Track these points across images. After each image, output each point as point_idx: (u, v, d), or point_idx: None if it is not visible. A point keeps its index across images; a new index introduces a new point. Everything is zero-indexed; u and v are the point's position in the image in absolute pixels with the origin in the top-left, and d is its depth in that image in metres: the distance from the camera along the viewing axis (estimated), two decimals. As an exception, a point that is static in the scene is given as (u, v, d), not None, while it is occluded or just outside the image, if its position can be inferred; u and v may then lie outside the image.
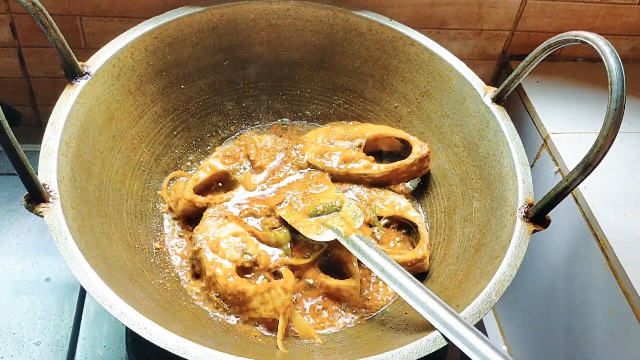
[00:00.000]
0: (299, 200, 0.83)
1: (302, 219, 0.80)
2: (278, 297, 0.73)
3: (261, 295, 0.73)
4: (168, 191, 0.87)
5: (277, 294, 0.73)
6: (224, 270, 0.74)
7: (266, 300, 0.73)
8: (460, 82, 0.88)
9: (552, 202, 0.70)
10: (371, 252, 0.74)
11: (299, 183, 0.87)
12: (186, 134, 0.93)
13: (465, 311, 0.64)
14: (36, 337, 0.86)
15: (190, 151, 0.94)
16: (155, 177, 0.88)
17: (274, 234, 0.80)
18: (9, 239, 0.96)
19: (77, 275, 0.60)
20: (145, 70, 0.85)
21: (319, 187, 0.85)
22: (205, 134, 0.96)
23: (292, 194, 0.85)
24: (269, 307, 0.73)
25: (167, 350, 0.57)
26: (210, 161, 0.89)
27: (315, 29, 0.94)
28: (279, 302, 0.73)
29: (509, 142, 0.80)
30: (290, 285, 0.74)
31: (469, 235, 0.81)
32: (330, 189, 0.85)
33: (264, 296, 0.73)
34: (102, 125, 0.79)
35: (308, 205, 0.82)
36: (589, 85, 1.10)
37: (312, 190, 0.84)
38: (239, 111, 0.98)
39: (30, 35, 0.97)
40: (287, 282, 0.75)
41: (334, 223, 0.79)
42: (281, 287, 0.73)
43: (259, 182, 0.88)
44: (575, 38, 0.68)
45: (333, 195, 0.84)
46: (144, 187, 0.86)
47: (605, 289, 0.84)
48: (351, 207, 0.81)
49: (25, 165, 0.59)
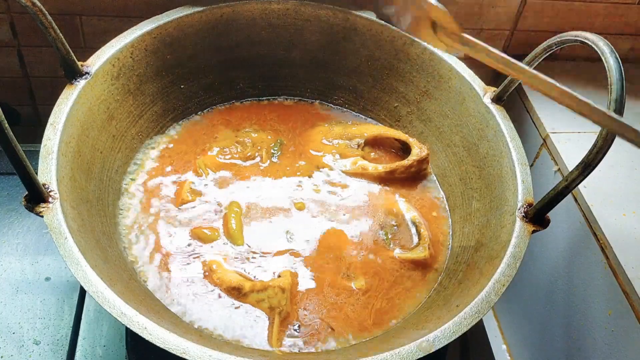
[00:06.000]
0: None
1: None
2: (274, 296, 0.73)
3: (257, 292, 0.73)
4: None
5: (274, 293, 0.73)
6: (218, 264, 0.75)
7: (262, 298, 0.73)
8: (460, 82, 0.88)
9: (552, 202, 0.70)
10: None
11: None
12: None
13: (465, 311, 0.64)
14: (36, 336, 0.86)
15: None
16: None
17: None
18: (9, 238, 0.96)
19: (77, 275, 0.60)
20: (145, 70, 0.85)
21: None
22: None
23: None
24: (264, 305, 0.73)
25: (167, 350, 0.57)
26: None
27: (315, 29, 0.94)
28: (275, 301, 0.73)
29: (508, 142, 0.80)
30: (287, 284, 0.74)
31: (468, 235, 0.81)
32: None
33: (260, 294, 0.73)
34: (102, 125, 0.79)
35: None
36: (589, 85, 1.10)
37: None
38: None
39: (30, 35, 0.97)
40: (285, 281, 0.74)
41: None
42: (278, 286, 0.73)
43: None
44: (575, 38, 0.68)
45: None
46: (144, 187, 0.86)
47: (605, 289, 0.84)
48: None
49: (25, 165, 0.59)
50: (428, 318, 0.72)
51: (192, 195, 0.83)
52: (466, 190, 0.86)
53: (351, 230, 0.83)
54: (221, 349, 0.58)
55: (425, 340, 0.62)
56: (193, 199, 0.82)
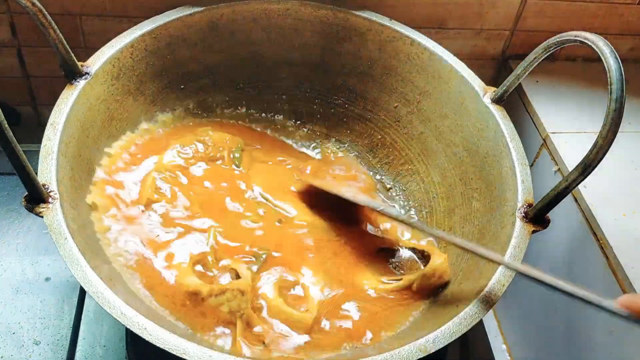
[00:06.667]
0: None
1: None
2: (234, 299, 0.69)
3: (215, 297, 0.69)
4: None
5: (233, 296, 0.69)
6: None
7: (221, 302, 0.69)
8: (460, 82, 0.88)
9: (552, 202, 0.70)
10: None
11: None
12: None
13: (465, 311, 0.64)
14: (36, 336, 0.86)
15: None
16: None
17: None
18: (9, 238, 0.96)
19: (77, 276, 0.60)
20: (145, 70, 0.85)
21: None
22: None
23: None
24: (224, 310, 0.69)
25: (167, 351, 0.57)
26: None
27: (315, 29, 0.94)
28: (235, 305, 0.69)
29: (508, 142, 0.80)
30: (246, 286, 0.70)
31: (468, 235, 0.81)
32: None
33: (219, 298, 0.69)
34: (102, 125, 0.79)
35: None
36: (588, 85, 1.10)
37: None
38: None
39: (30, 35, 0.97)
40: (244, 282, 0.70)
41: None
42: (237, 288, 0.70)
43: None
44: (575, 38, 0.68)
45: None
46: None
47: (605, 289, 0.84)
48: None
49: (25, 165, 0.59)
50: (428, 318, 0.72)
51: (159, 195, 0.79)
52: (466, 190, 0.86)
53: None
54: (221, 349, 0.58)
55: (425, 340, 0.62)
56: (159, 199, 0.79)
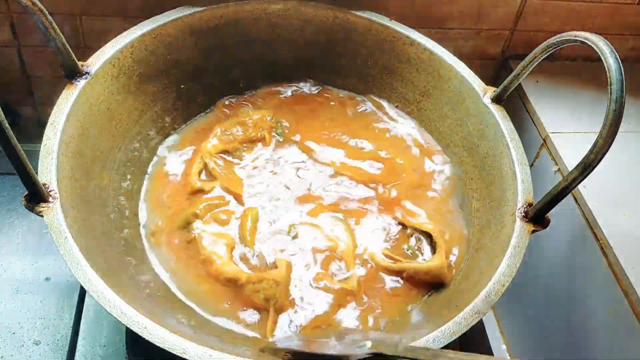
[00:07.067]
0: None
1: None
2: (269, 288, 0.73)
3: (253, 284, 0.73)
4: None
5: (269, 285, 0.73)
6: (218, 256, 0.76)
7: (257, 290, 0.73)
8: (460, 82, 0.88)
9: (552, 202, 0.70)
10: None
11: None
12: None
13: (465, 311, 0.64)
14: (36, 336, 0.86)
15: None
16: (155, 177, 0.88)
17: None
18: (9, 238, 0.96)
19: (77, 275, 0.60)
20: (145, 70, 0.85)
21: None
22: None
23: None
24: (260, 297, 0.73)
25: (167, 350, 0.57)
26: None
27: (315, 29, 0.94)
28: (270, 293, 0.73)
29: (508, 142, 0.80)
30: (281, 277, 0.74)
31: (468, 235, 0.81)
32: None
33: (256, 285, 0.73)
34: (102, 125, 0.79)
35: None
36: (588, 85, 1.10)
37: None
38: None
39: (30, 35, 0.97)
40: (279, 274, 0.74)
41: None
42: (272, 279, 0.73)
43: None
44: (575, 38, 0.68)
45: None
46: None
47: (604, 289, 0.84)
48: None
49: (25, 165, 0.59)
50: (427, 318, 0.72)
51: (202, 183, 0.83)
52: (466, 190, 0.86)
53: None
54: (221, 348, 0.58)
55: (425, 340, 0.62)
56: (202, 187, 0.83)
